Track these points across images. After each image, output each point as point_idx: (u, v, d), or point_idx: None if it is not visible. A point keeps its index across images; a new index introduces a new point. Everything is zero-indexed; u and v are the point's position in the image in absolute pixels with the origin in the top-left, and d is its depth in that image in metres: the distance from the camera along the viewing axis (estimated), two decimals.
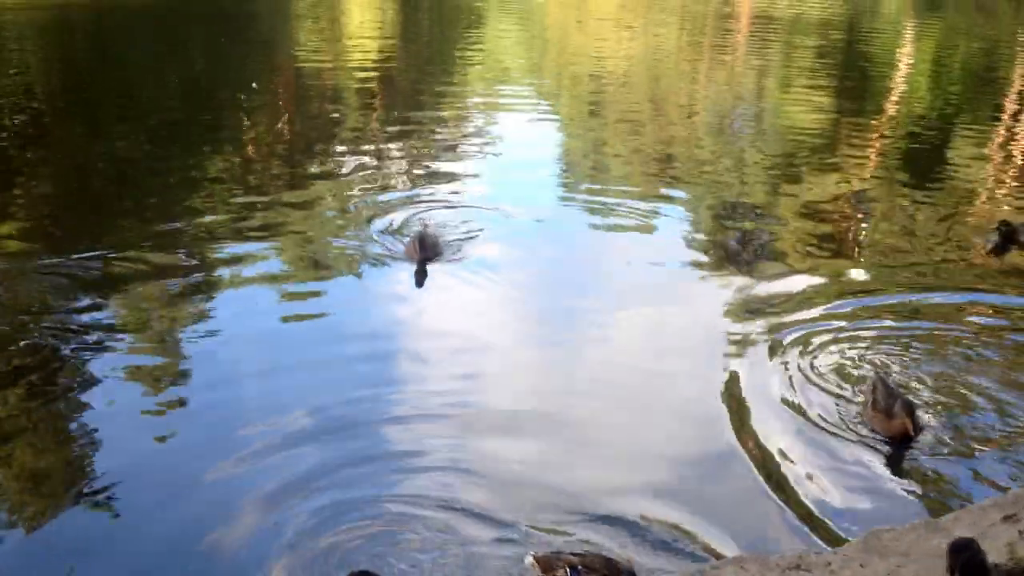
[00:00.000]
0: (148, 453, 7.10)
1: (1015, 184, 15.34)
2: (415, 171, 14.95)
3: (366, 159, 15.65)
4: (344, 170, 14.79)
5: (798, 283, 10.48)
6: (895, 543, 5.56)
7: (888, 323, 9.43)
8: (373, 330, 9.28)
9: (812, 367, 8.33)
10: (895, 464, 6.99)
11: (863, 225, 12.99)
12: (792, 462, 7.01)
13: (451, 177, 14.51)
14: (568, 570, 5.51)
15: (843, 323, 9.32)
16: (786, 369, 8.31)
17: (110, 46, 27.54)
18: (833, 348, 8.73)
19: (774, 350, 8.71)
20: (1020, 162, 16.78)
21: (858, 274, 10.95)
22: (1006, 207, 13.84)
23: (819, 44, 31.90)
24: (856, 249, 11.93)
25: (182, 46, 27.98)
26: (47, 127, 17.67)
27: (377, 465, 6.91)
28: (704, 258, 11.47)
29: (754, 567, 5.22)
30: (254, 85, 21.66)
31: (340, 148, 16.49)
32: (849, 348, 8.76)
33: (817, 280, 10.60)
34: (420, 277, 9.98)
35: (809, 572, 5.15)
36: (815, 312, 9.61)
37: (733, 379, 8.25)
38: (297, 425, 7.39)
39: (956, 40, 33.72)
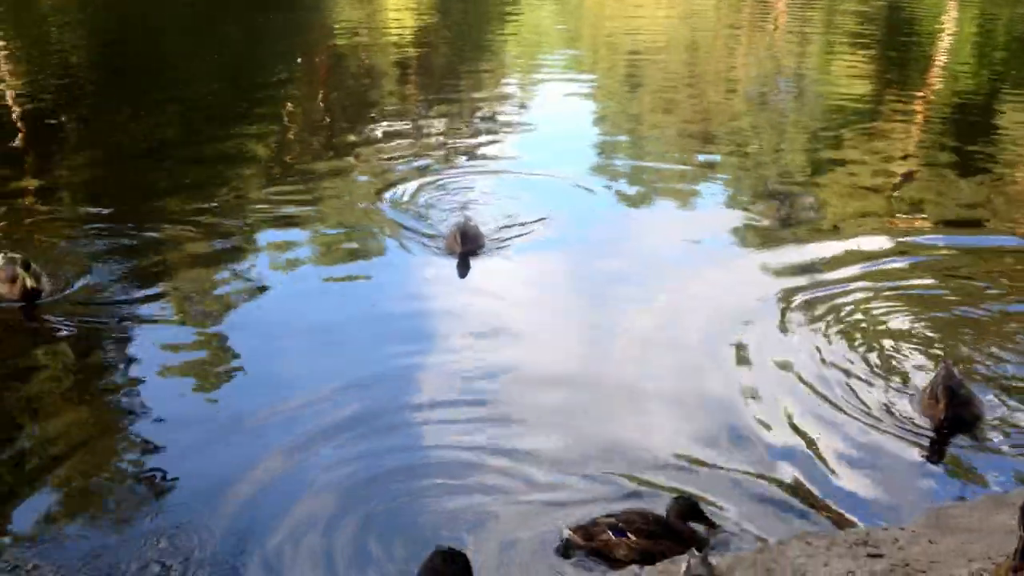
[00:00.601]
0: (192, 407, 7.36)
1: None
2: (453, 145, 14.90)
3: (405, 131, 15.66)
4: (383, 145, 14.78)
5: (843, 250, 10.34)
6: (962, 519, 5.50)
7: (939, 288, 9.34)
8: (414, 299, 9.41)
9: (867, 338, 8.18)
10: (951, 448, 6.78)
11: (908, 191, 12.77)
12: (847, 442, 6.84)
13: (489, 150, 14.46)
14: (611, 532, 5.54)
15: (896, 292, 9.18)
16: (833, 340, 8.17)
17: (148, 23, 27.63)
18: (886, 318, 8.58)
19: (822, 319, 8.57)
20: None
21: (904, 239, 10.71)
22: None
23: (861, 10, 31.26)
24: (901, 215, 11.72)
25: (220, 21, 28.01)
26: (88, 102, 17.79)
27: (419, 419, 7.09)
28: (746, 223, 11.36)
29: (821, 543, 5.18)
30: (299, 60, 21.70)
31: (378, 122, 16.42)
32: (902, 318, 8.61)
33: (862, 246, 10.43)
34: (463, 270, 9.99)
35: (876, 548, 5.10)
36: (864, 280, 9.46)
37: (780, 349, 8.12)
38: (339, 385, 7.53)
39: (1000, 5, 32.90)
